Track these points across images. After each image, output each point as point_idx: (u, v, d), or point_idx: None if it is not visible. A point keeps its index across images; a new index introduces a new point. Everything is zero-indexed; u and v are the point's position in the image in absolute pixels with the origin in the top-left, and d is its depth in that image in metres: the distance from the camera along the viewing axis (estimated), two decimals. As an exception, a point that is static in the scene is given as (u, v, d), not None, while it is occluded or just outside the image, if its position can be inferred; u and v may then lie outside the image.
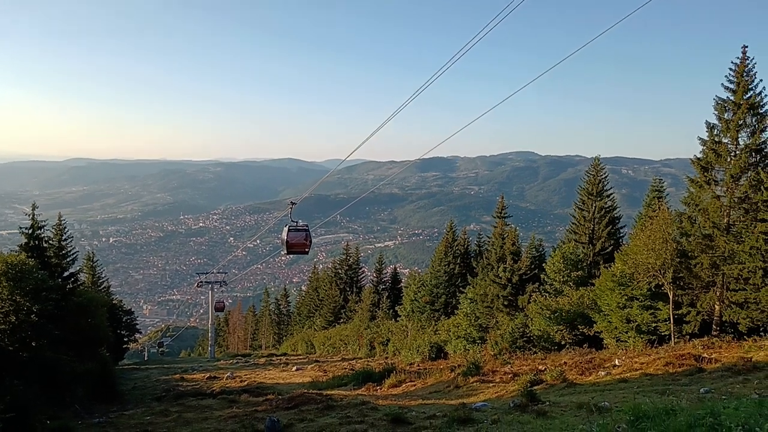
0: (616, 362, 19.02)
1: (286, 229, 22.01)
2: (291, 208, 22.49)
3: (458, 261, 40.33)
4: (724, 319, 20.70)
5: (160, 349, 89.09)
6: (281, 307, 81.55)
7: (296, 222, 22.12)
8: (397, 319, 41.57)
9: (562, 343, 24.44)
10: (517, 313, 28.80)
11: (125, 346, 55.39)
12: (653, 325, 21.54)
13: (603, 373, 17.44)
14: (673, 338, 20.88)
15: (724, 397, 10.38)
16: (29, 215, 28.40)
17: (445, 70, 13.53)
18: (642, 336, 21.68)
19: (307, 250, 22.55)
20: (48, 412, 17.62)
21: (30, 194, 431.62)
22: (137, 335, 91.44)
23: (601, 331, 23.48)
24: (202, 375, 33.40)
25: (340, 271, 60.17)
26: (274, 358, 46.47)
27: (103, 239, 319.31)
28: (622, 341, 22.43)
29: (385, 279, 55.53)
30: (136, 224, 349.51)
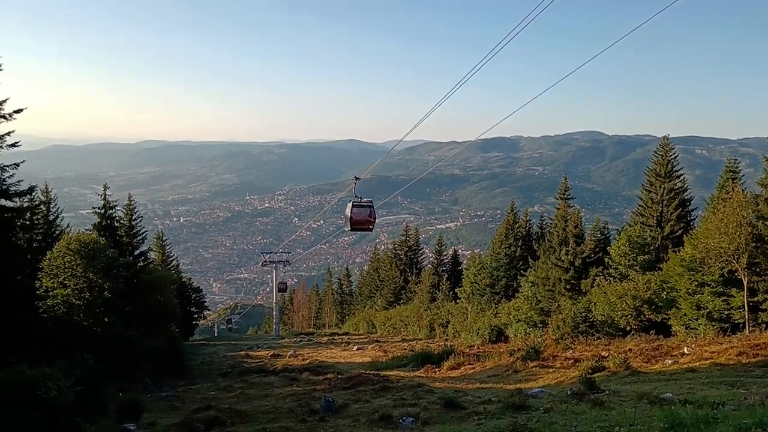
0: (685, 350, 18.27)
1: (350, 205, 21.40)
2: (355, 183, 21.87)
3: (519, 243, 39.60)
4: (804, 307, 19.51)
5: (229, 326, 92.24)
6: (344, 286, 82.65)
7: (360, 198, 21.46)
8: (457, 301, 41.35)
9: (627, 329, 23.66)
10: (579, 298, 28.10)
11: (194, 322, 57.74)
12: (726, 312, 20.53)
13: (670, 361, 16.79)
14: (747, 326, 19.84)
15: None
16: (101, 196, 29.77)
17: (503, 46, 13.15)
18: (713, 324, 20.71)
19: (371, 227, 22.08)
20: (119, 385, 18.57)
21: (106, 175, 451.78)
22: (206, 312, 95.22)
23: (669, 318, 22.59)
24: (267, 352, 34.38)
25: (399, 252, 60.28)
26: (336, 337, 47.27)
27: (174, 219, 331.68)
28: (692, 329, 21.50)
29: (445, 261, 55.24)
30: (204, 204, 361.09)
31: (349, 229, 21.84)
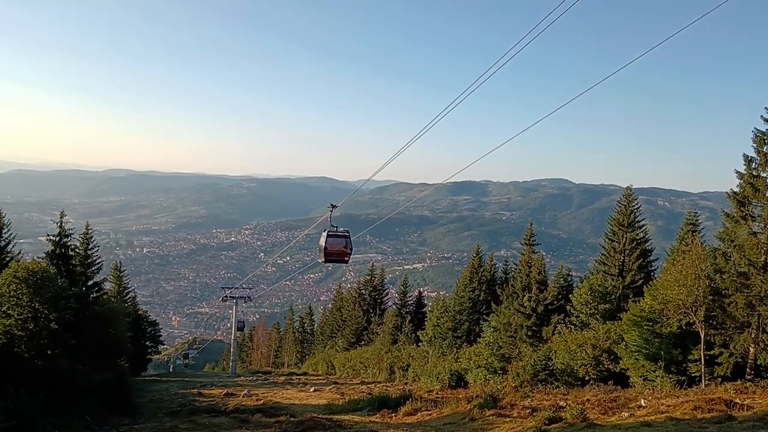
0: (642, 402, 18.09)
1: (324, 234, 19.94)
2: (331, 211, 20.31)
3: (483, 288, 39.55)
4: (759, 362, 19.61)
5: (185, 361, 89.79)
6: (305, 325, 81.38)
7: (336, 228, 20.05)
8: (419, 344, 40.88)
9: (586, 378, 23.51)
10: (540, 345, 27.95)
11: (149, 356, 55.81)
12: (683, 365, 20.56)
13: (626, 414, 16.57)
14: (704, 380, 19.86)
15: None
16: (57, 223, 28.82)
17: (473, 91, 13.21)
18: (670, 376, 20.69)
19: (347, 258, 20.56)
20: (57, 422, 17.55)
21: (69, 202, 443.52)
22: (162, 346, 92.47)
23: (628, 368, 22.52)
24: (220, 391, 33.21)
25: (363, 292, 59.74)
26: (293, 377, 46.10)
27: (137, 249, 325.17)
28: (649, 380, 21.44)
29: (409, 302, 54.87)
30: (169, 236, 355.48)
31: (323, 260, 20.23)
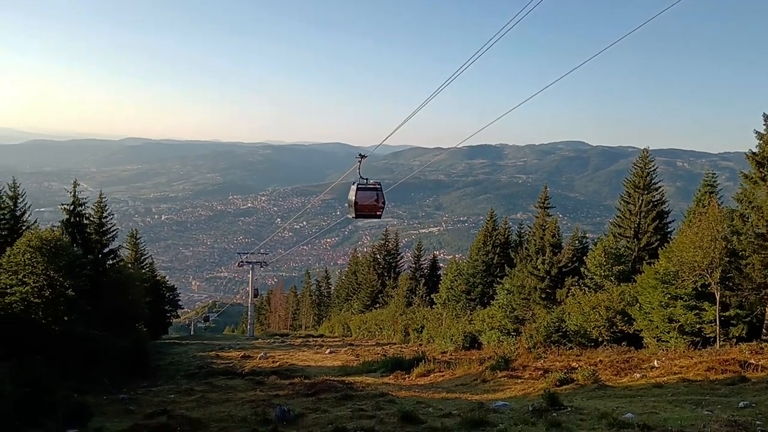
0: (655, 363, 18.04)
1: (354, 187, 18.28)
2: (360, 162, 18.61)
3: (497, 251, 39.40)
4: (775, 323, 19.40)
5: (205, 324, 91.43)
6: (322, 288, 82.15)
7: (366, 180, 18.41)
8: (433, 306, 41.06)
9: (600, 340, 23.45)
10: (554, 307, 27.89)
11: (168, 320, 56.86)
12: (698, 326, 20.35)
13: (638, 375, 16.53)
14: (718, 341, 19.69)
15: (759, 415, 9.49)
16: (71, 192, 28.99)
17: (486, 50, 12.83)
18: (685, 337, 20.53)
19: (379, 213, 18.87)
20: (76, 387, 17.92)
21: (88, 171, 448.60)
22: (182, 310, 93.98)
23: (642, 330, 22.40)
24: (237, 353, 33.75)
25: (378, 256, 59.92)
26: (310, 340, 46.70)
27: (156, 216, 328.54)
28: (663, 341, 21.31)
29: (423, 266, 54.97)
30: (186, 203, 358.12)
31: (354, 216, 18.65)
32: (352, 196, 18.25)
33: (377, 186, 18.56)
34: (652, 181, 30.79)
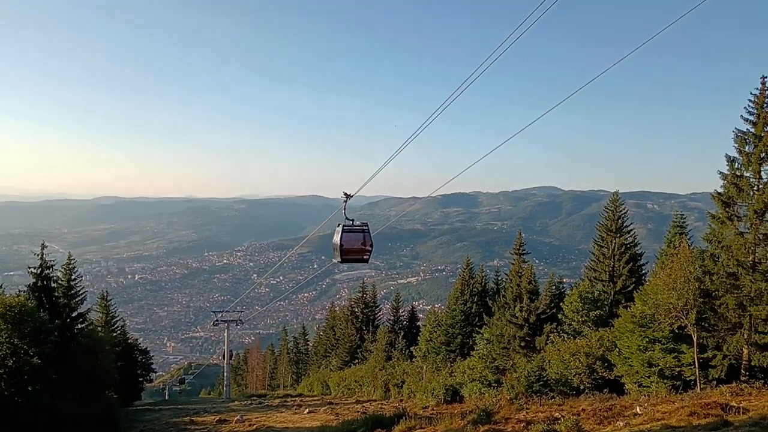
0: (638, 410, 17.80)
1: (339, 229, 17.24)
2: (345, 201, 17.38)
3: (475, 299, 39.26)
4: (753, 363, 19.39)
5: (180, 387, 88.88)
6: (299, 345, 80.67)
7: (352, 221, 17.34)
8: (413, 359, 40.43)
9: (581, 387, 23.20)
10: (534, 355, 27.65)
11: (141, 385, 55.03)
12: (677, 369, 20.28)
13: (622, 423, 16.25)
14: (699, 384, 19.59)
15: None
16: (38, 255, 28.32)
17: (455, 98, 13.01)
18: (665, 381, 20.41)
19: (366, 256, 17.70)
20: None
21: (59, 232, 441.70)
22: (155, 374, 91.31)
23: (622, 375, 22.23)
24: (213, 417, 32.56)
25: (356, 310, 59.21)
26: (288, 400, 45.43)
27: (129, 276, 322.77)
28: (644, 386, 21.15)
29: (402, 318, 54.46)
30: (161, 261, 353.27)
31: (339, 260, 17.53)
32: (337, 239, 17.27)
33: (364, 227, 17.51)
34: (624, 224, 31.18)
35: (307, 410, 34.12)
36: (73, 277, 31.49)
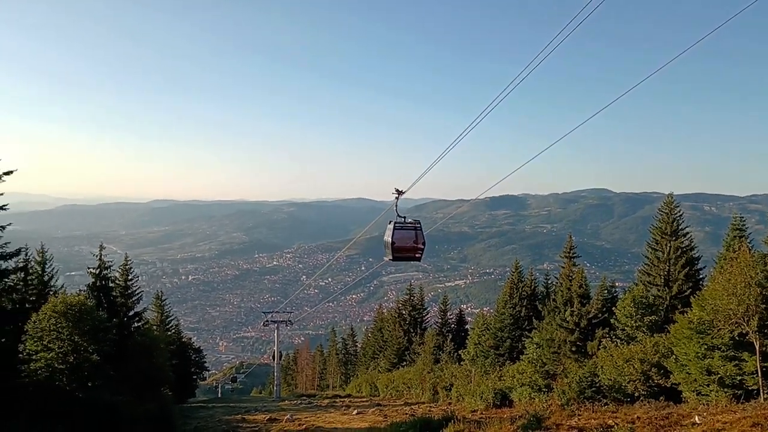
0: (696, 419, 17.18)
1: (390, 226, 16.79)
2: (397, 198, 16.89)
3: (524, 303, 38.64)
4: (821, 373, 18.44)
5: (232, 385, 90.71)
6: (348, 346, 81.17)
7: (404, 218, 16.92)
8: (461, 363, 40.12)
9: (635, 394, 22.51)
10: (586, 360, 27.01)
11: (194, 383, 56.45)
12: (738, 378, 19.44)
13: (679, 432, 15.74)
14: (762, 394, 18.74)
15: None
16: (97, 256, 29.39)
17: (504, 97, 12.88)
18: (726, 390, 19.60)
19: (419, 255, 17.20)
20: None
21: (116, 234, 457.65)
22: (208, 372, 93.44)
23: (679, 383, 21.47)
24: (264, 416, 33.10)
25: (403, 312, 59.15)
26: (337, 400, 45.77)
27: (183, 277, 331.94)
28: (703, 395, 20.37)
29: (450, 320, 54.10)
30: (213, 262, 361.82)
31: (391, 258, 16.99)
32: (388, 236, 16.82)
33: (417, 225, 17.11)
34: (679, 227, 30.17)
35: (355, 411, 34.28)
36: (129, 277, 32.63)
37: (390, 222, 16.96)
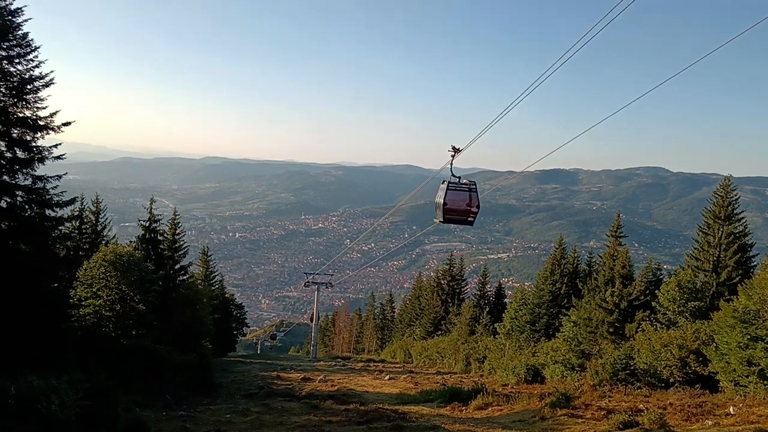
0: (731, 410, 16.81)
1: (444, 186, 15.82)
2: (453, 156, 15.93)
3: (565, 280, 38.12)
4: None
5: (272, 342, 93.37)
6: (386, 312, 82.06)
7: (459, 178, 16.02)
8: (496, 336, 40.10)
9: (671, 380, 22.10)
10: (622, 342, 26.60)
11: (235, 338, 58.26)
12: (780, 371, 18.82)
13: (710, 422, 15.43)
14: (804, 389, 18.14)
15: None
16: (147, 209, 30.34)
17: (560, 66, 12.54)
18: (765, 383, 19.02)
19: (471, 218, 16.38)
20: (139, 401, 18.51)
21: (170, 188, 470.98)
22: (249, 328, 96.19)
23: (717, 372, 20.95)
24: (298, 375, 34.04)
25: (442, 282, 59.28)
26: (371, 364, 46.57)
27: (230, 234, 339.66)
28: (741, 386, 19.82)
29: (488, 293, 54.00)
30: (260, 221, 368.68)
31: (441, 220, 16.12)
32: (440, 197, 15.83)
33: (472, 186, 16.16)
34: (734, 212, 28.99)
35: (387, 376, 34.86)
36: (177, 231, 33.65)
37: (443, 182, 15.99)
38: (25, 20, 18.61)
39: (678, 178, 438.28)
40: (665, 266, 40.53)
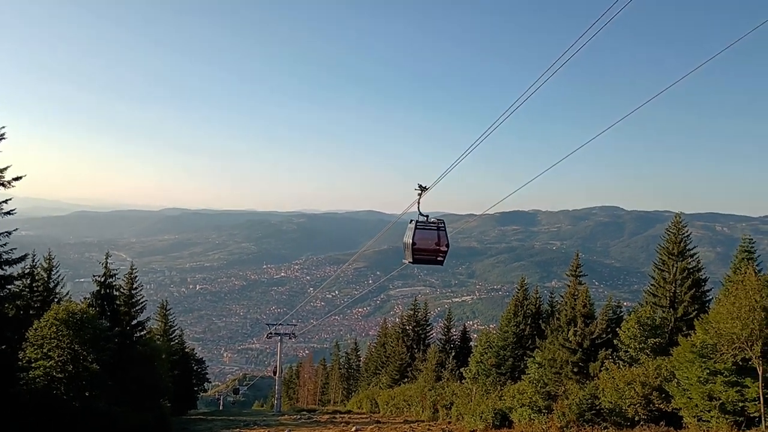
0: (696, 446, 16.94)
1: (412, 225, 15.43)
2: (420, 194, 15.49)
3: (529, 321, 38.33)
4: (824, 401, 18.11)
5: (234, 397, 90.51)
6: (351, 361, 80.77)
7: (426, 217, 15.60)
8: (463, 381, 39.78)
9: (636, 419, 22.23)
10: (587, 382, 26.70)
11: (196, 394, 56.36)
12: (740, 404, 19.15)
13: (677, 459, 15.48)
14: (764, 421, 18.45)
15: None
16: (103, 264, 29.54)
17: (512, 113, 12.88)
18: (727, 416, 19.30)
19: (440, 258, 15.92)
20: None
21: (127, 241, 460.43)
22: (210, 384, 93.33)
23: (680, 408, 21.17)
24: (263, 430, 33.01)
25: (407, 327, 58.82)
26: (337, 416, 45.51)
27: (190, 286, 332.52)
28: (704, 421, 20.07)
29: (453, 337, 53.78)
30: (221, 272, 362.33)
31: (410, 261, 15.70)
32: (408, 237, 15.50)
33: (440, 225, 15.74)
34: (687, 247, 29.82)
35: (354, 428, 34.05)
36: (134, 285, 32.75)
37: (411, 221, 15.63)
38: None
39: (632, 216, 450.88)
40: (625, 303, 41.17)
